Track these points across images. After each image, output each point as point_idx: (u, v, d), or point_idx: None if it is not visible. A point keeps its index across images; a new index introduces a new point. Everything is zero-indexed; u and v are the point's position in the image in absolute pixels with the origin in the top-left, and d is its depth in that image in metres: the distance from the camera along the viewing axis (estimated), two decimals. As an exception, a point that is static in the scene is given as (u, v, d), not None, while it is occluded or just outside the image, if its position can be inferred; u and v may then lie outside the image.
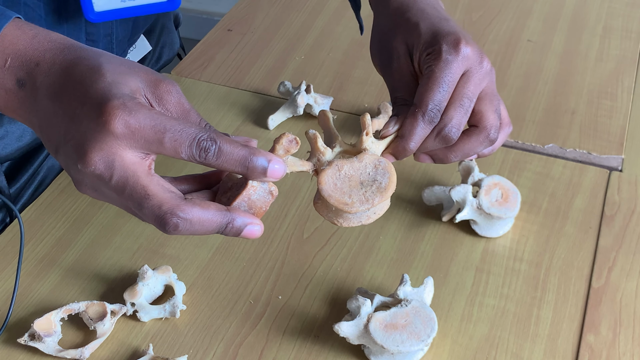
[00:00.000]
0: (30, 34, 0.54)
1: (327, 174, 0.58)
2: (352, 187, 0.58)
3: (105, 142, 0.49)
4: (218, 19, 1.48)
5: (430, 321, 0.66)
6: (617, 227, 0.80)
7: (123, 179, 0.49)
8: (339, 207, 0.57)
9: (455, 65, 0.62)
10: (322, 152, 0.58)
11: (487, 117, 0.64)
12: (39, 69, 0.53)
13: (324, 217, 0.59)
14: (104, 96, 0.49)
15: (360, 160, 0.58)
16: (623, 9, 1.16)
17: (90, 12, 0.74)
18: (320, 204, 0.59)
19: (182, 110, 0.53)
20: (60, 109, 0.51)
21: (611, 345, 0.69)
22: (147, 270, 0.71)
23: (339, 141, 0.60)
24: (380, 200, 0.57)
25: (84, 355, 0.67)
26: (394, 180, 0.58)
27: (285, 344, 0.69)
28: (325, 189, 0.57)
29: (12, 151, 0.83)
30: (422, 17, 0.67)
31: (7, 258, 0.77)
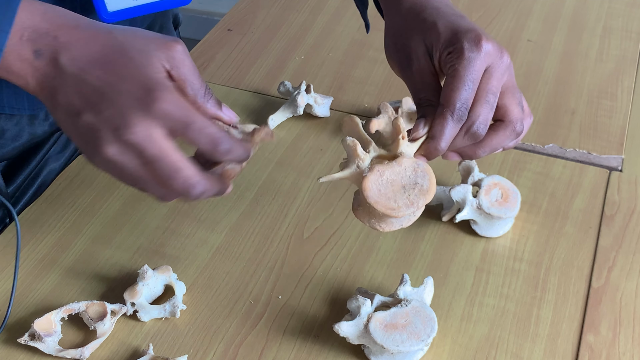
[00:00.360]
0: (41, 10, 0.59)
1: (370, 180, 0.58)
2: (396, 192, 0.58)
3: (147, 117, 0.55)
4: (218, 19, 1.48)
5: (430, 321, 0.66)
6: (617, 227, 0.80)
7: (157, 150, 0.55)
8: (387, 213, 0.57)
9: (479, 63, 0.63)
10: (362, 159, 0.59)
11: (511, 110, 0.65)
12: (57, 41, 0.58)
13: (365, 223, 0.60)
14: (147, 80, 0.56)
15: (399, 164, 0.59)
16: (623, 9, 1.16)
17: (104, 12, 0.74)
18: (362, 210, 0.59)
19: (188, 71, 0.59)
20: (92, 78, 0.57)
21: (611, 345, 0.69)
22: (147, 270, 0.72)
23: (373, 146, 0.60)
24: (424, 202, 0.58)
25: (84, 355, 0.67)
26: (433, 181, 0.59)
27: (285, 344, 0.69)
28: (371, 196, 0.57)
29: (8, 151, 0.83)
30: (438, 16, 0.67)
31: (7, 258, 0.77)
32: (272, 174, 0.86)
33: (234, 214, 0.82)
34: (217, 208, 0.82)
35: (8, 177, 0.86)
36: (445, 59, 0.64)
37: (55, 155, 0.89)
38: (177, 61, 0.58)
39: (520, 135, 0.67)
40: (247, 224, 0.81)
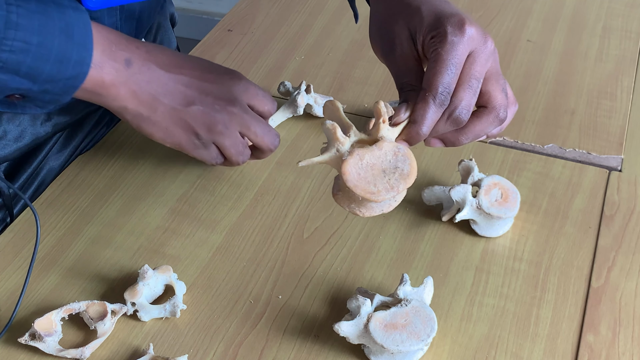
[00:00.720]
0: (108, 28, 0.69)
1: (350, 164, 0.57)
2: (376, 176, 0.57)
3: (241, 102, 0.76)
4: (218, 19, 1.48)
5: (430, 321, 0.66)
6: (617, 227, 0.80)
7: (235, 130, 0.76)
8: (366, 197, 0.56)
9: (462, 47, 0.62)
10: (342, 142, 0.58)
11: (495, 96, 0.65)
12: (140, 51, 0.69)
13: (345, 208, 0.59)
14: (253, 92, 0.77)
15: (380, 148, 0.58)
16: (623, 9, 1.16)
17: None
18: (342, 195, 0.58)
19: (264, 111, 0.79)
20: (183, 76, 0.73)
21: (611, 345, 0.69)
22: (147, 270, 0.72)
23: (353, 131, 0.59)
24: (404, 187, 0.57)
25: (84, 355, 0.67)
26: (414, 165, 0.59)
27: (285, 343, 0.69)
28: (351, 179, 0.57)
29: (10, 151, 0.83)
30: (422, 1, 0.66)
31: (8, 258, 0.77)
32: (272, 174, 0.87)
33: (234, 214, 0.82)
34: (217, 208, 0.82)
35: (10, 177, 0.86)
36: (429, 44, 0.63)
37: (54, 154, 0.89)
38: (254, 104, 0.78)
39: (504, 123, 0.66)
40: (247, 224, 0.81)
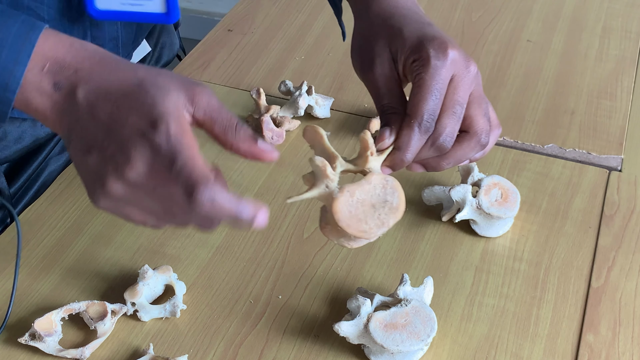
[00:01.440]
0: (67, 42, 0.57)
1: (341, 202, 0.56)
2: (366, 212, 0.56)
3: (151, 155, 0.52)
4: (218, 19, 1.49)
5: (430, 321, 0.66)
6: (617, 227, 0.80)
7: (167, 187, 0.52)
8: (358, 236, 0.56)
9: (444, 71, 0.62)
10: (332, 180, 0.57)
11: (477, 121, 0.64)
12: (76, 75, 0.56)
13: (333, 241, 0.58)
14: (152, 111, 0.53)
15: (369, 182, 0.57)
16: (623, 9, 1.16)
17: (92, 8, 0.75)
18: (330, 228, 0.57)
19: (213, 109, 0.55)
20: (102, 115, 0.54)
21: (611, 345, 0.69)
22: (147, 269, 0.72)
23: (339, 161, 0.58)
24: (394, 221, 0.56)
25: (84, 355, 0.67)
26: (402, 197, 0.58)
27: (285, 343, 0.69)
28: (343, 219, 0.56)
29: (10, 153, 0.83)
30: (405, 23, 0.66)
31: (8, 258, 0.77)
32: (272, 174, 0.87)
33: (234, 214, 0.82)
34: (217, 208, 0.82)
35: (10, 178, 0.86)
36: (411, 67, 0.63)
37: (55, 156, 0.90)
38: (201, 103, 0.55)
39: (485, 148, 0.66)
40: (247, 224, 0.81)
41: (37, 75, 0.56)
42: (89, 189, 0.55)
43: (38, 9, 0.73)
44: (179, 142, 0.52)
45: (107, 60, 0.57)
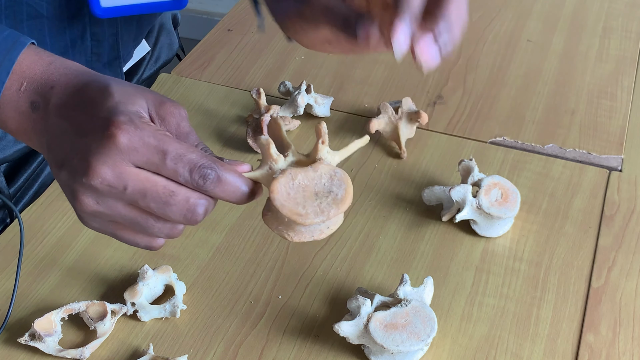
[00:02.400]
0: (47, 60, 0.56)
1: (280, 182, 0.54)
2: (307, 198, 0.54)
3: (110, 156, 0.50)
4: (218, 19, 1.48)
5: (430, 321, 0.66)
6: (617, 227, 0.80)
7: (140, 183, 0.50)
8: (292, 218, 0.53)
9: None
10: (275, 160, 0.55)
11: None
12: (52, 91, 0.54)
13: (274, 230, 0.56)
14: (112, 112, 0.51)
15: (315, 170, 0.55)
16: (623, 9, 1.16)
17: (97, 7, 0.73)
18: (270, 216, 0.55)
19: (181, 133, 0.54)
20: (68, 126, 0.52)
21: (611, 345, 0.69)
22: (147, 270, 0.72)
23: (292, 150, 0.57)
24: (336, 213, 0.54)
25: (84, 355, 0.67)
26: (350, 192, 0.55)
27: (285, 343, 0.69)
28: (278, 198, 0.53)
29: (10, 153, 0.83)
30: None
31: (8, 258, 0.77)
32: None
33: (234, 214, 0.82)
34: (217, 208, 0.82)
35: (9, 178, 0.86)
36: None
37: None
38: (170, 122, 0.53)
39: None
40: (247, 224, 0.81)
41: (14, 95, 0.55)
42: (73, 208, 0.54)
43: (37, 5, 0.73)
44: (155, 134, 0.50)
45: (85, 76, 0.55)
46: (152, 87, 1.01)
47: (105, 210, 0.52)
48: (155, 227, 0.53)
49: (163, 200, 0.51)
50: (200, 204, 0.52)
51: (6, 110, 0.55)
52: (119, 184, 0.50)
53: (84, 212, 0.53)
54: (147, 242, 0.55)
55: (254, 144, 0.88)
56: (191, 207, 0.51)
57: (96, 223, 0.54)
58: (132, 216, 0.53)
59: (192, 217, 0.52)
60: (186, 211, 0.52)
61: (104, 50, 0.82)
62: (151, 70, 1.02)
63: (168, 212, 0.52)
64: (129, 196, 0.51)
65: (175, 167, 0.50)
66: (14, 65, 0.55)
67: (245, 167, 0.54)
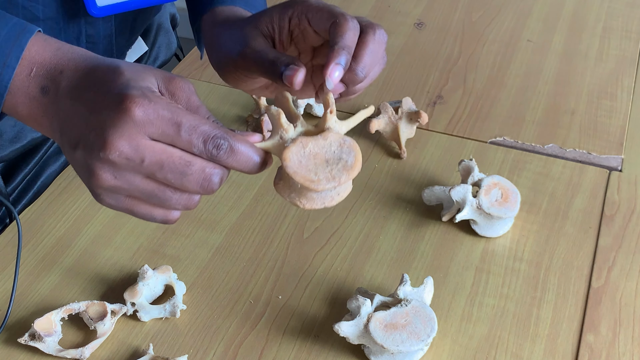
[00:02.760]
0: (55, 46, 0.57)
1: (292, 150, 0.55)
2: (318, 165, 0.56)
3: (126, 129, 0.51)
4: (218, 19, 1.48)
5: (430, 321, 0.66)
6: (617, 227, 0.80)
7: (157, 155, 0.52)
8: (305, 185, 0.55)
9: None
10: (285, 129, 0.56)
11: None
12: (62, 76, 0.55)
13: (285, 198, 0.57)
14: (125, 87, 0.52)
15: (324, 138, 0.57)
16: (623, 9, 1.16)
17: (93, 6, 0.74)
18: (282, 184, 0.57)
19: (192, 106, 0.55)
20: (81, 106, 0.53)
21: (611, 345, 0.69)
22: (147, 270, 0.72)
23: (301, 121, 0.58)
24: (347, 179, 0.56)
25: (84, 355, 0.67)
26: (359, 158, 0.57)
27: (285, 343, 0.69)
28: (291, 166, 0.55)
29: (6, 153, 0.83)
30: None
31: (7, 258, 0.77)
32: (272, 174, 0.86)
33: (234, 214, 0.82)
34: (217, 208, 0.82)
35: (7, 177, 0.86)
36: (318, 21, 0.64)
37: (53, 156, 0.89)
38: (180, 97, 0.55)
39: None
40: (247, 224, 0.81)
41: (24, 80, 0.56)
42: (88, 187, 0.55)
43: (33, 8, 0.73)
44: (169, 107, 0.52)
45: (93, 60, 0.56)
46: (152, 87, 1.00)
47: (123, 184, 0.53)
48: (172, 198, 0.54)
49: (180, 170, 0.52)
50: (215, 173, 0.53)
51: (17, 95, 0.56)
52: (137, 157, 0.51)
53: (101, 187, 0.53)
54: (164, 215, 0.56)
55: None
56: (207, 176, 0.53)
57: (113, 199, 0.55)
58: (150, 188, 0.53)
59: (209, 186, 0.53)
60: (202, 180, 0.53)
61: (98, 51, 0.82)
62: (149, 70, 1.02)
63: (185, 183, 0.53)
64: (146, 168, 0.52)
65: (189, 138, 0.51)
66: (23, 51, 0.56)
67: (256, 137, 0.55)
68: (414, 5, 1.17)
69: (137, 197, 0.54)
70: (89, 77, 0.54)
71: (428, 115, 0.94)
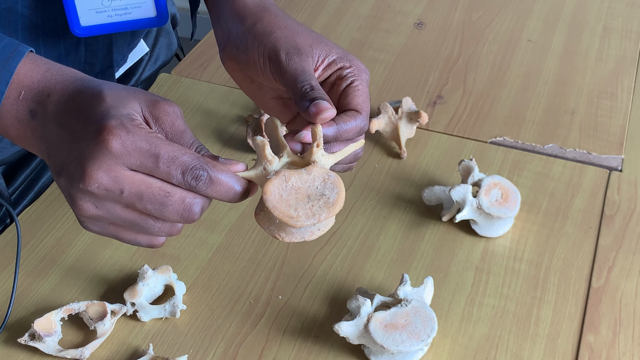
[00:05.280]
0: (43, 68, 0.57)
1: (273, 184, 0.55)
2: (299, 200, 0.55)
3: (104, 160, 0.51)
4: (218, 19, 1.48)
5: (430, 321, 0.66)
6: (617, 227, 0.80)
7: (136, 186, 0.52)
8: (283, 220, 0.54)
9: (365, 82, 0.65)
10: (270, 161, 0.56)
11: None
12: (49, 99, 0.55)
13: (265, 230, 0.57)
14: (103, 117, 0.52)
15: (309, 173, 0.56)
16: (623, 9, 1.16)
17: (77, 26, 0.72)
18: (263, 215, 0.56)
19: (176, 131, 0.55)
20: (65, 133, 0.53)
21: (611, 345, 0.69)
22: (147, 270, 0.72)
23: (287, 151, 0.57)
24: (327, 216, 0.55)
25: (84, 355, 0.67)
26: (342, 195, 0.56)
27: (285, 344, 0.69)
28: (270, 200, 0.54)
29: (8, 155, 0.83)
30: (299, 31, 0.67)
31: (7, 258, 0.77)
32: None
33: (234, 214, 0.82)
34: (217, 208, 0.82)
35: (8, 178, 0.86)
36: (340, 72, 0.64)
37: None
38: (165, 122, 0.54)
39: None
40: (247, 224, 0.81)
41: (13, 104, 0.56)
42: (74, 212, 0.55)
43: (32, 15, 0.73)
44: (147, 137, 0.51)
45: (79, 82, 0.56)
46: (152, 87, 1.00)
47: (104, 213, 0.53)
48: (155, 227, 0.54)
49: (159, 201, 0.52)
50: (195, 203, 0.53)
51: (6, 118, 0.56)
52: (116, 188, 0.51)
53: (83, 216, 0.54)
54: (149, 241, 0.56)
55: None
56: (187, 206, 0.53)
57: (96, 227, 0.55)
58: (132, 218, 0.54)
59: (189, 216, 0.53)
60: (182, 210, 0.53)
61: (97, 59, 0.82)
62: (150, 71, 1.02)
63: (165, 213, 0.53)
64: (126, 199, 0.52)
65: (168, 169, 0.51)
66: (12, 75, 0.56)
67: (239, 166, 0.55)
68: (414, 5, 1.17)
69: (120, 224, 0.55)
70: (73, 102, 0.54)
71: (428, 115, 0.94)
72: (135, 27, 0.75)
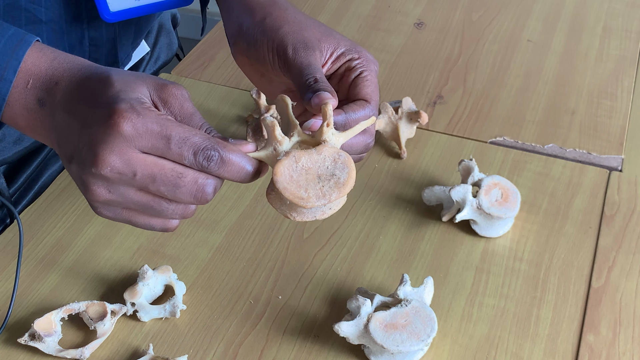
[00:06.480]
0: (50, 56, 0.57)
1: (284, 164, 0.54)
2: (309, 181, 0.55)
3: (116, 144, 0.51)
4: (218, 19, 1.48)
5: (430, 321, 0.66)
6: (617, 227, 0.80)
7: (149, 168, 0.52)
8: (294, 201, 0.54)
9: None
10: (280, 142, 0.56)
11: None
12: (57, 87, 0.55)
13: (277, 210, 0.57)
14: (113, 101, 0.52)
15: (319, 153, 0.55)
16: (623, 9, 1.16)
17: (106, 12, 0.74)
18: (274, 195, 0.56)
19: (185, 114, 0.55)
20: (74, 119, 0.53)
21: (611, 345, 0.69)
22: (147, 270, 0.72)
23: (297, 130, 0.57)
24: (337, 196, 0.55)
25: (84, 355, 0.67)
26: (353, 175, 0.56)
27: (285, 344, 0.69)
28: (281, 181, 0.54)
29: (9, 154, 0.83)
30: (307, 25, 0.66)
31: (8, 258, 0.77)
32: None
33: (234, 214, 0.82)
34: (217, 208, 0.82)
35: (9, 178, 0.86)
36: (350, 64, 0.64)
37: (55, 156, 0.89)
38: (174, 105, 0.54)
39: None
40: (247, 224, 0.81)
41: (21, 93, 0.56)
42: (86, 199, 0.55)
43: (36, 10, 0.73)
44: (157, 119, 0.51)
45: (87, 69, 0.56)
46: (152, 87, 1.00)
47: (118, 197, 0.53)
48: (168, 209, 0.55)
49: (172, 182, 0.52)
50: (208, 184, 0.53)
51: (15, 107, 0.56)
52: (128, 171, 0.51)
53: (97, 201, 0.54)
54: (162, 225, 0.57)
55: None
56: (200, 187, 0.53)
57: (110, 212, 0.55)
58: (145, 201, 0.54)
59: (202, 196, 0.53)
60: (196, 191, 0.53)
61: (101, 54, 0.82)
62: (151, 71, 1.02)
63: (178, 194, 0.53)
64: (139, 182, 0.52)
65: (179, 151, 0.52)
66: (20, 64, 0.56)
67: (250, 146, 0.55)
68: (414, 5, 1.17)
69: (134, 208, 0.55)
70: (81, 89, 0.54)
71: (428, 115, 0.94)
72: (163, 8, 0.75)
